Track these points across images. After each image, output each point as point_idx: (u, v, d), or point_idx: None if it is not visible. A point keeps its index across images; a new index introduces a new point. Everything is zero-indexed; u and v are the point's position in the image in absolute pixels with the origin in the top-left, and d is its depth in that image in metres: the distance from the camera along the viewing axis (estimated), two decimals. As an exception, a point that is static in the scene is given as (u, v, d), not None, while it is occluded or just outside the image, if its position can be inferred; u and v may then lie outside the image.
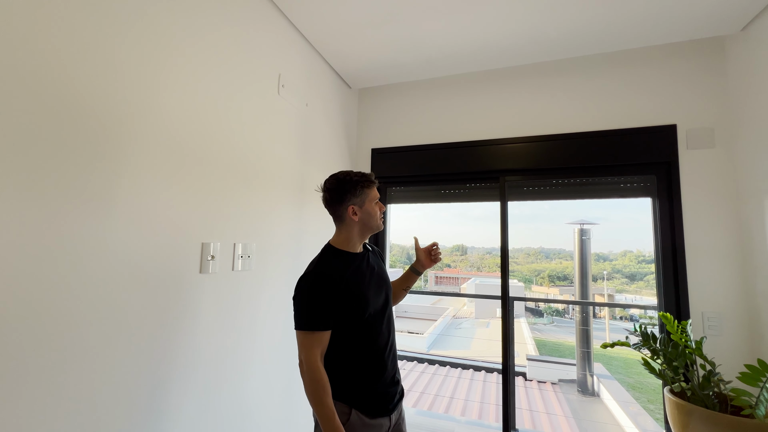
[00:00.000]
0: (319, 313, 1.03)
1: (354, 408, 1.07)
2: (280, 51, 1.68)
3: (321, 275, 1.06)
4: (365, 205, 1.17)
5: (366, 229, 1.19)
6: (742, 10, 1.59)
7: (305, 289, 1.06)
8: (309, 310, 1.04)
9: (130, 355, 0.99)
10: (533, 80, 2.11)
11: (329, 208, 1.19)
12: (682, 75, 1.85)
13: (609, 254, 16.63)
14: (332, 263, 1.11)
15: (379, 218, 1.20)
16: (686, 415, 1.40)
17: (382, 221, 1.22)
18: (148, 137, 1.05)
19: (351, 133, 2.42)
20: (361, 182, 1.16)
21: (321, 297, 1.04)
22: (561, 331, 13.55)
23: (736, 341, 1.65)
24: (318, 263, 1.12)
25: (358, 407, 1.07)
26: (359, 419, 1.06)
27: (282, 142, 1.69)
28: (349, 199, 1.15)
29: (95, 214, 0.91)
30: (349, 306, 1.07)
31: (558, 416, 4.95)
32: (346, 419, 1.05)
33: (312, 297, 1.04)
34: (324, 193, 1.18)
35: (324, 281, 1.05)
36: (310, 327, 1.03)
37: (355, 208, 1.16)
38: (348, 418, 1.05)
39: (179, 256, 1.15)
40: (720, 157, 1.75)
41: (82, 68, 0.88)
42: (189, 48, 1.19)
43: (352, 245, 1.18)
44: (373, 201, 1.19)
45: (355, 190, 1.15)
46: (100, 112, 0.92)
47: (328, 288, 1.05)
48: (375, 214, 1.18)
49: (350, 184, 1.15)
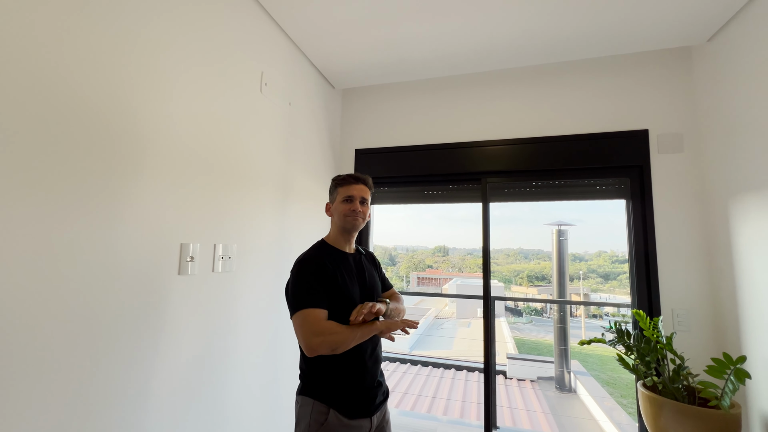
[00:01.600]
0: (317, 293, 1.05)
1: (332, 408, 1.07)
2: (263, 48, 1.66)
3: (315, 260, 1.12)
4: (335, 203, 1.25)
5: (341, 227, 1.23)
6: (708, 22, 1.68)
7: (302, 271, 1.09)
8: (308, 289, 1.05)
9: (105, 359, 0.95)
10: (514, 84, 2.16)
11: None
12: (654, 82, 1.93)
13: (584, 255, 17.20)
14: (323, 254, 1.16)
15: (346, 215, 1.20)
16: (657, 408, 1.46)
17: (353, 220, 1.20)
18: (120, 134, 1.01)
19: (334, 134, 2.41)
20: (336, 181, 1.27)
21: (316, 278, 1.07)
22: (539, 330, 13.89)
23: (704, 336, 1.73)
24: (313, 251, 1.19)
25: (336, 407, 1.07)
26: (337, 420, 1.06)
27: (265, 141, 1.66)
28: (329, 196, 1.29)
29: (65, 215, 0.87)
30: (335, 299, 1.09)
31: (537, 413, 5.07)
32: (324, 419, 1.05)
33: (309, 278, 1.07)
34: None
35: (319, 267, 1.10)
36: (312, 304, 1.02)
37: (330, 206, 1.28)
38: (326, 418, 1.05)
39: (156, 257, 1.11)
40: (688, 162, 1.84)
41: (52, 58, 0.84)
42: (166, 42, 1.15)
43: (339, 243, 1.23)
44: (341, 199, 1.23)
45: (331, 188, 1.28)
46: (69, 107, 0.88)
47: (321, 272, 1.09)
48: (341, 211, 1.22)
49: (332, 183, 1.29)
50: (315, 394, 1.08)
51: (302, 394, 1.11)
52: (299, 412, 1.10)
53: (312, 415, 1.06)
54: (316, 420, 1.05)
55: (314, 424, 1.05)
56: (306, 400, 1.09)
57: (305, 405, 1.09)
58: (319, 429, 1.05)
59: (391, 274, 17.94)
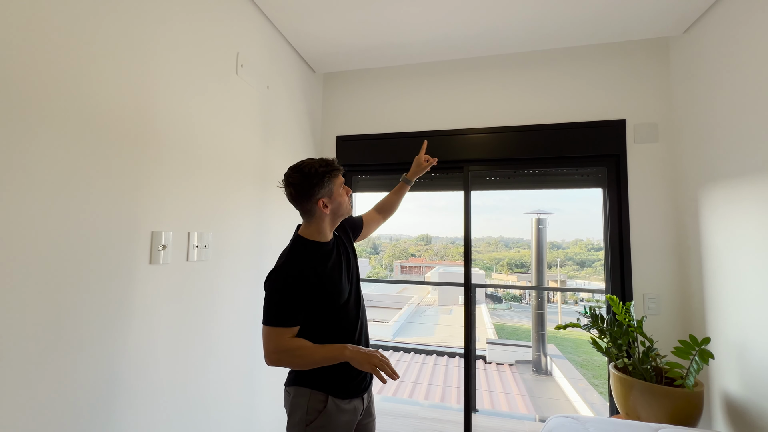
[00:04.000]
0: (289, 311, 1.01)
1: (330, 395, 1.06)
2: (238, 27, 1.58)
3: (292, 273, 1.02)
4: (334, 195, 1.10)
5: (337, 218, 1.16)
6: (684, 14, 1.70)
7: (275, 287, 1.02)
8: (279, 307, 1.01)
9: (73, 354, 0.90)
10: (496, 72, 2.15)
11: (295, 204, 1.10)
12: (632, 72, 1.96)
13: (562, 243, 17.72)
14: (303, 256, 1.07)
15: (348, 203, 1.17)
16: (627, 388, 1.53)
17: (349, 204, 1.18)
18: (83, 114, 0.94)
19: (315, 119, 2.35)
20: (328, 173, 1.08)
21: (291, 295, 1.01)
22: (518, 316, 14.33)
23: (672, 319, 1.81)
24: (288, 256, 1.08)
25: (333, 392, 1.07)
26: (335, 405, 1.06)
27: (241, 125, 1.60)
28: (318, 192, 1.07)
29: (20, 198, 0.81)
30: (322, 298, 1.06)
31: (515, 395, 5.25)
32: (322, 407, 1.05)
33: (282, 294, 1.01)
34: (287, 188, 1.09)
35: (295, 280, 1.02)
36: (279, 323, 1.00)
37: (326, 201, 1.09)
38: (324, 405, 1.05)
39: (125, 246, 1.06)
40: (662, 152, 1.89)
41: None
42: (135, 20, 1.08)
43: (324, 236, 1.13)
44: (340, 187, 1.14)
45: (322, 182, 1.07)
46: (24, 83, 0.81)
47: (300, 285, 1.02)
48: (344, 202, 1.14)
49: (317, 177, 1.06)
50: (310, 383, 1.07)
51: (295, 385, 1.09)
52: (293, 403, 1.08)
53: (309, 404, 1.05)
54: (315, 408, 1.05)
55: (313, 412, 1.04)
56: (301, 390, 1.07)
57: (300, 395, 1.07)
58: (318, 416, 1.04)
59: (374, 262, 18.00)
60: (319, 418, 1.04)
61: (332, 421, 1.05)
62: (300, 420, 1.05)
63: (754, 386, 1.37)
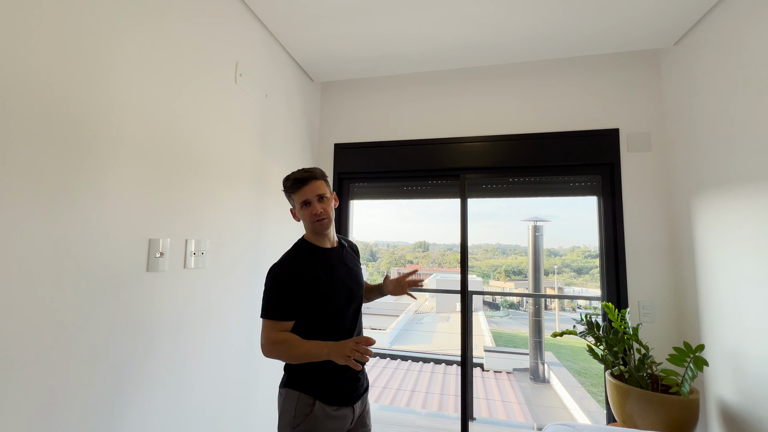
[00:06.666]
0: (284, 304, 1.07)
1: (318, 399, 1.07)
2: (238, 38, 1.60)
3: (290, 268, 1.10)
4: (296, 209, 1.19)
5: (311, 230, 1.19)
6: (674, 27, 1.75)
7: (273, 280, 1.09)
8: (275, 300, 1.07)
9: (70, 360, 0.90)
10: (493, 81, 2.19)
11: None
12: (625, 83, 2.00)
13: (559, 250, 17.73)
14: (303, 256, 1.14)
15: (312, 221, 1.14)
16: (623, 396, 1.53)
17: (319, 225, 1.15)
18: (84, 125, 0.95)
19: (313, 127, 2.37)
20: (285, 188, 1.18)
21: (287, 289, 1.07)
22: (516, 323, 14.27)
23: (667, 326, 1.82)
24: (286, 254, 1.16)
25: (321, 398, 1.08)
26: (322, 411, 1.07)
27: (240, 134, 1.61)
28: (289, 202, 1.20)
29: (23, 209, 0.81)
30: (315, 299, 1.09)
31: (512, 403, 5.22)
32: (309, 411, 1.06)
33: (279, 288, 1.07)
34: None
35: (292, 275, 1.08)
36: (274, 316, 1.06)
37: (294, 212, 1.21)
38: (311, 409, 1.06)
39: (123, 254, 1.06)
40: (655, 160, 1.92)
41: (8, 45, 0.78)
42: (136, 31, 1.10)
43: (319, 241, 1.19)
44: (301, 206, 1.15)
45: (288, 195, 1.19)
46: (27, 98, 0.82)
47: (295, 281, 1.07)
48: (306, 218, 1.15)
49: (284, 188, 1.19)
50: (300, 386, 1.09)
51: (287, 387, 1.11)
52: (283, 405, 1.10)
53: (297, 407, 1.07)
54: (302, 411, 1.06)
55: (300, 416, 1.06)
56: (290, 393, 1.09)
57: (290, 397, 1.09)
58: (305, 420, 1.05)
59: (372, 269, 17.96)
60: (305, 422, 1.05)
61: (318, 426, 1.05)
62: (288, 422, 1.06)
63: (748, 393, 1.37)
